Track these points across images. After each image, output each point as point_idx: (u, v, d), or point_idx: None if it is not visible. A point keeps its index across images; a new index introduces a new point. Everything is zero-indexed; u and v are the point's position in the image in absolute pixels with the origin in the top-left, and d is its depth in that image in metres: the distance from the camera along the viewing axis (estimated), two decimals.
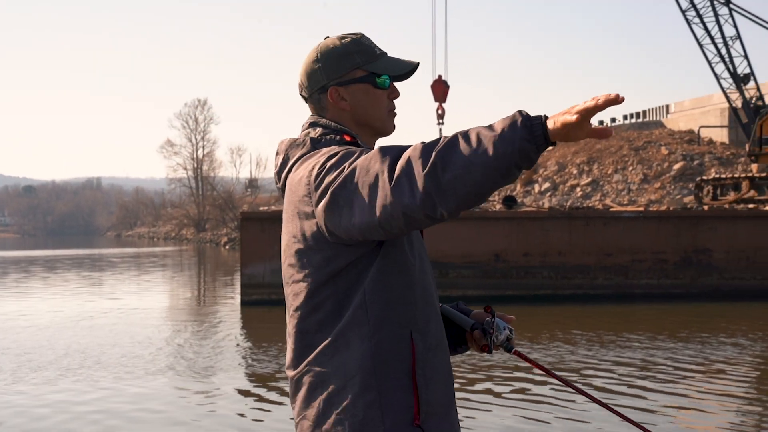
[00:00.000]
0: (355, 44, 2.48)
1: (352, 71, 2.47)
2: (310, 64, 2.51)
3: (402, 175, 2.09)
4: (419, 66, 2.53)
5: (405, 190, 2.09)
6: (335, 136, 2.43)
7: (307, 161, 2.37)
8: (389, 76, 2.48)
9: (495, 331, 2.49)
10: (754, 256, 20.54)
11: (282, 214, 2.46)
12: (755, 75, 30.62)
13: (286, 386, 10.88)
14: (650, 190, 37.06)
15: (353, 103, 2.48)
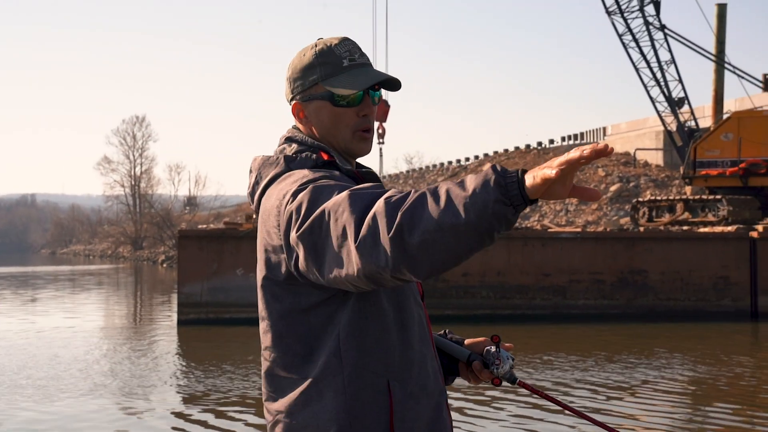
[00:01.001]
0: (322, 55, 2.27)
1: (313, 86, 2.29)
2: (286, 72, 2.36)
3: (367, 235, 1.87)
4: (392, 79, 2.28)
5: (370, 252, 1.87)
6: (311, 153, 2.25)
7: (279, 185, 2.18)
8: (347, 93, 2.24)
9: (501, 363, 2.35)
10: (688, 277, 20.83)
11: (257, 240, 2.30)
12: (689, 99, 31.17)
13: (220, 407, 10.73)
14: (587, 212, 37.48)
15: (314, 120, 2.30)
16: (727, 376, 13.02)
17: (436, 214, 1.82)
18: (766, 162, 27.56)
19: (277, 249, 2.16)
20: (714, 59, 31.76)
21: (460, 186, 1.84)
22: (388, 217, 1.85)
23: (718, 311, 20.58)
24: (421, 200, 1.85)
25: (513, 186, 1.82)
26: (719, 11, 32.74)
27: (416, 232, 1.82)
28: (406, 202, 1.86)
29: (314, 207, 2.01)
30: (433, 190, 1.86)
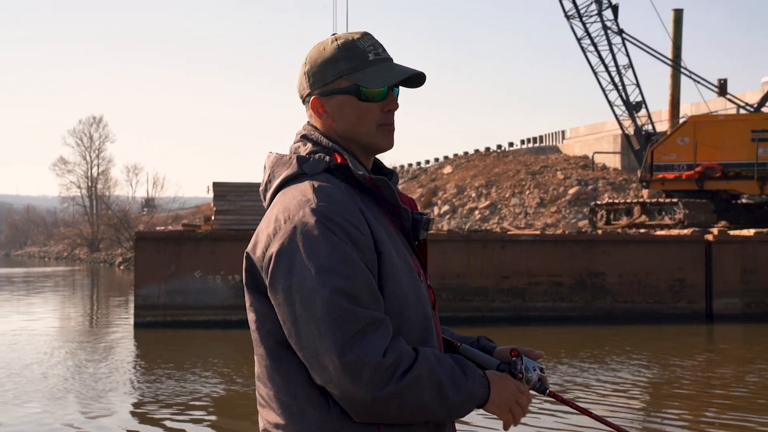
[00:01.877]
0: (346, 48, 2.20)
1: (336, 80, 2.21)
2: (301, 67, 2.27)
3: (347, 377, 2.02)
4: (422, 74, 2.24)
5: (343, 385, 2.03)
6: (324, 156, 2.19)
7: (286, 195, 2.15)
8: (379, 87, 2.19)
9: (525, 374, 2.27)
10: (645, 280, 21.00)
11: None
12: (646, 103, 31.46)
13: (177, 410, 10.63)
14: (546, 214, 37.69)
15: (336, 115, 2.22)
16: (681, 377, 13.14)
17: (428, 402, 2.07)
18: (721, 166, 27.89)
19: (260, 261, 2.15)
20: (671, 64, 32.08)
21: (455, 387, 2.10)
22: (381, 379, 2.02)
23: (674, 313, 20.78)
24: (420, 383, 2.05)
25: (483, 402, 2.16)
26: (676, 16, 33.08)
27: (396, 405, 2.04)
28: (403, 375, 2.03)
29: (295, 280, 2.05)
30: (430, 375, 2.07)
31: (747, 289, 21.03)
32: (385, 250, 2.12)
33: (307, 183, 2.14)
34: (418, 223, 2.26)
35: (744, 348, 17.40)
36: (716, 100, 36.22)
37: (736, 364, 14.66)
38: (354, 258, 2.04)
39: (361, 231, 2.08)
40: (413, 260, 2.24)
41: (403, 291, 2.13)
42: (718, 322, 20.46)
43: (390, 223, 2.22)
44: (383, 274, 2.11)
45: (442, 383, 2.07)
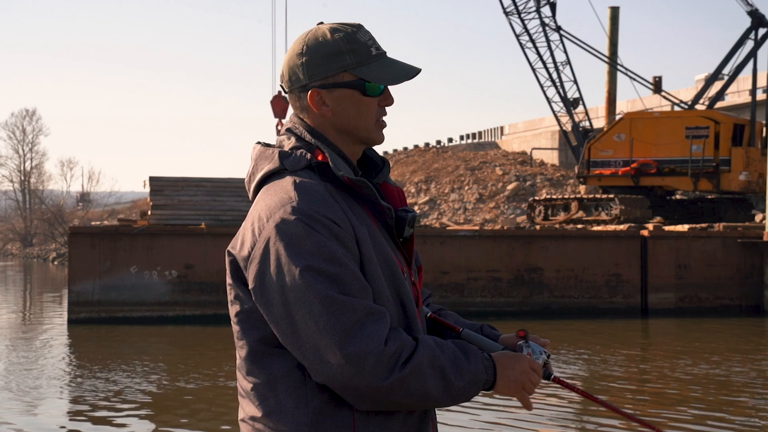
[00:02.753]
0: (349, 41, 2.16)
1: (339, 74, 2.17)
2: (294, 57, 2.20)
3: (348, 367, 2.02)
4: (420, 72, 2.24)
5: (343, 376, 2.03)
6: (306, 152, 2.17)
7: (267, 192, 2.15)
8: (389, 84, 2.20)
9: (532, 357, 2.26)
10: (582, 275, 21.20)
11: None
12: (584, 100, 31.79)
13: (112, 407, 10.46)
14: (485, 210, 37.91)
15: (336, 109, 2.19)
16: (615, 372, 13.28)
17: (433, 391, 2.08)
18: (656, 162, 28.29)
19: (244, 260, 2.13)
20: (607, 61, 32.45)
21: (458, 373, 2.11)
22: (383, 368, 2.03)
23: (610, 308, 21.01)
24: (422, 370, 2.06)
25: (489, 383, 2.18)
26: (612, 14, 33.47)
27: (400, 393, 2.05)
28: (405, 365, 2.04)
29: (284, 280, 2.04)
30: (441, 369, 2.10)
31: (681, 284, 21.34)
32: (365, 249, 2.12)
33: (289, 179, 2.13)
34: (403, 221, 2.25)
35: (677, 342, 17.65)
36: (652, 97, 36.76)
37: (669, 357, 14.86)
38: (340, 254, 2.05)
39: (342, 228, 2.09)
40: (397, 258, 2.22)
41: (385, 290, 2.14)
42: (652, 317, 20.75)
43: (373, 220, 2.21)
44: (364, 273, 2.12)
45: (444, 369, 2.08)
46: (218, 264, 19.71)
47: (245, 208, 20.68)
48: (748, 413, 10.50)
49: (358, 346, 2.00)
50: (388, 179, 2.32)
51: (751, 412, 10.62)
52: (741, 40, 29.53)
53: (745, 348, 16.48)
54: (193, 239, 19.81)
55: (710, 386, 12.07)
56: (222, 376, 12.66)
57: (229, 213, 20.49)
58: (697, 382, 12.39)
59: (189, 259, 19.71)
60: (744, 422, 9.94)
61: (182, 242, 19.79)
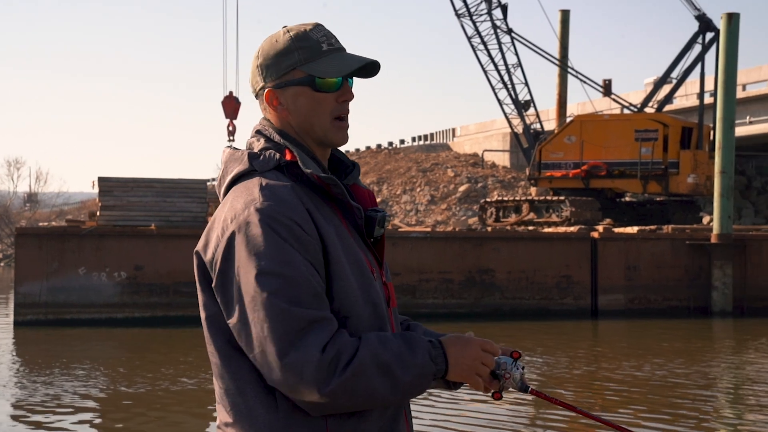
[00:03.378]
0: (299, 39, 2.18)
1: (291, 72, 2.19)
2: (253, 60, 2.25)
3: (293, 375, 2.01)
4: (377, 63, 2.22)
5: (290, 382, 2.02)
6: (275, 153, 2.17)
7: (234, 194, 2.15)
8: (335, 76, 2.18)
9: (511, 373, 2.24)
10: (533, 277, 21.31)
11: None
12: (535, 102, 31.99)
13: (58, 412, 10.29)
14: (437, 211, 37.98)
15: (291, 108, 2.21)
16: (565, 373, 13.35)
17: (380, 389, 2.03)
18: (606, 165, 28.55)
19: (210, 263, 2.14)
20: (558, 64, 32.68)
21: (403, 366, 2.05)
22: (323, 374, 2.00)
23: (561, 309, 21.15)
24: (365, 370, 2.02)
25: (441, 372, 2.11)
26: (563, 17, 33.71)
27: (347, 396, 2.02)
28: (347, 366, 2.01)
29: (241, 279, 2.05)
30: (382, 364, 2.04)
31: (630, 286, 21.55)
32: (332, 250, 2.11)
33: (256, 180, 2.13)
34: (373, 221, 2.25)
35: (626, 343, 17.81)
36: (602, 100, 37.08)
37: (618, 359, 14.97)
38: (297, 259, 2.05)
39: (305, 230, 2.07)
40: (366, 258, 2.21)
41: (353, 291, 2.13)
42: (602, 318, 20.92)
43: (343, 220, 2.21)
44: (331, 274, 2.10)
45: (389, 366, 2.04)
46: (168, 265, 19.53)
47: (196, 209, 20.53)
48: (692, 415, 10.61)
49: (296, 356, 2.00)
50: (358, 181, 2.32)
51: (695, 413, 10.73)
52: (689, 45, 29.90)
53: (693, 350, 16.67)
54: (142, 240, 19.59)
55: (656, 388, 12.18)
56: (165, 379, 12.52)
57: (179, 214, 20.29)
58: (644, 384, 12.49)
59: (138, 261, 19.49)
60: (687, 423, 10.04)
61: (132, 243, 19.57)
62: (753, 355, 15.63)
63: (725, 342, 18.20)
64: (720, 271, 21.51)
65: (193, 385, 12.09)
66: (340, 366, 2.00)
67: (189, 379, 12.50)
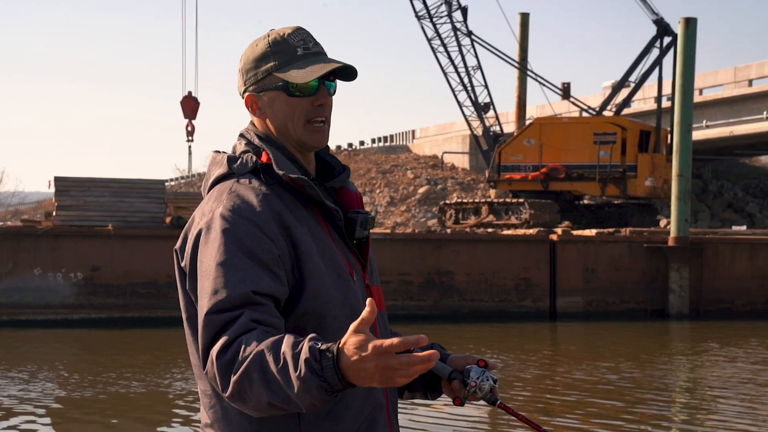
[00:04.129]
0: (275, 44, 2.22)
1: (266, 77, 2.23)
2: (238, 65, 2.30)
3: (210, 374, 1.99)
4: (350, 67, 2.23)
5: (214, 384, 2.00)
6: (252, 156, 2.21)
7: (211, 196, 2.19)
8: (303, 81, 2.19)
9: (478, 383, 2.19)
10: (492, 279, 21.36)
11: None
12: (494, 104, 32.09)
13: (11, 416, 10.12)
14: (396, 213, 37.98)
15: (269, 112, 2.25)
16: (522, 375, 13.38)
17: (265, 397, 1.90)
18: (565, 167, 28.71)
19: (184, 267, 2.20)
20: (517, 66, 32.81)
21: (284, 376, 1.86)
22: (222, 379, 1.95)
23: (520, 312, 21.21)
24: (250, 374, 1.90)
25: (336, 384, 1.85)
26: (522, 20, 33.86)
27: (249, 402, 1.94)
28: (238, 371, 1.92)
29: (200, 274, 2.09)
30: (262, 366, 1.89)
31: (588, 288, 21.67)
32: (305, 249, 2.12)
33: (228, 184, 2.18)
34: (353, 222, 2.25)
35: (584, 346, 17.91)
36: (561, 102, 37.31)
37: (575, 362, 15.04)
38: (240, 262, 2.05)
39: (264, 231, 2.08)
40: (346, 260, 2.22)
41: (328, 291, 2.12)
42: (561, 320, 21.02)
43: (323, 222, 2.22)
44: (305, 273, 2.11)
45: (274, 373, 1.88)
46: (125, 266, 19.33)
47: (153, 210, 20.34)
48: (645, 419, 10.67)
49: (209, 360, 2.00)
50: (347, 184, 2.35)
51: (648, 417, 10.80)
52: (647, 49, 30.17)
53: (648, 353, 16.79)
54: (99, 241, 19.38)
55: (609, 391, 12.23)
56: (117, 383, 12.37)
57: (137, 214, 20.10)
58: (597, 387, 12.55)
59: (95, 261, 19.27)
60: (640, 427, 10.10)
61: (88, 244, 19.35)
62: (708, 358, 15.78)
63: (679, 345, 18.36)
64: (677, 273, 21.70)
65: (144, 388, 11.95)
66: (233, 370, 1.93)
67: (139, 383, 12.36)
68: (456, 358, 2.28)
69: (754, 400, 11.61)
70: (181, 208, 23.36)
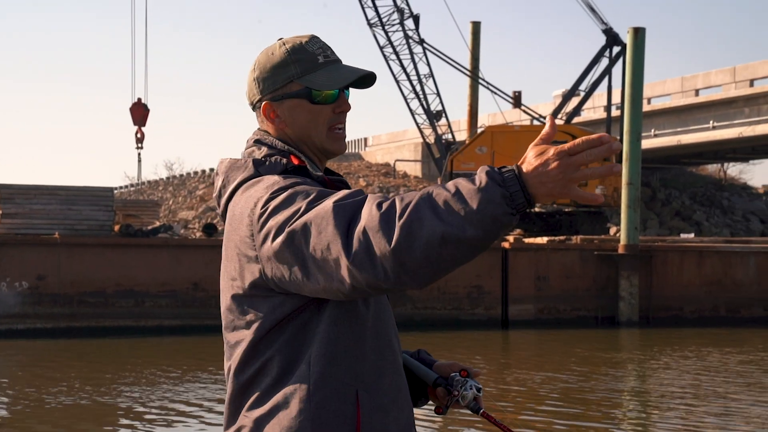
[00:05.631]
0: (295, 52, 2.22)
1: (287, 84, 2.22)
2: (249, 74, 2.28)
3: (360, 251, 1.86)
4: (372, 74, 2.25)
5: (367, 267, 1.87)
6: (281, 158, 2.18)
7: (248, 191, 2.12)
8: (332, 88, 2.20)
9: (461, 391, 2.22)
10: (445, 287, 21.35)
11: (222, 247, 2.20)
12: (446, 112, 32.18)
13: None
14: None
15: (288, 120, 2.24)
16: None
17: (439, 228, 1.81)
18: None
19: (252, 259, 2.08)
20: (469, 75, 32.94)
21: (459, 197, 1.82)
22: (384, 230, 1.84)
23: (472, 320, 21.21)
24: (419, 212, 1.83)
25: (518, 195, 1.84)
26: (474, 29, 34.01)
27: (417, 247, 1.82)
28: (404, 215, 1.83)
29: (292, 217, 1.98)
30: (429, 197, 1.84)
31: (540, 296, 21.74)
32: None
33: (265, 178, 2.13)
34: None
35: (535, 353, 17.95)
36: (512, 111, 37.51)
37: (525, 368, 15.06)
38: (321, 190, 2.04)
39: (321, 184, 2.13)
40: None
41: (358, 303, 2.14)
42: (513, 328, 21.05)
43: None
44: None
45: (447, 198, 1.84)
46: (73, 275, 19.01)
47: (102, 218, 20.05)
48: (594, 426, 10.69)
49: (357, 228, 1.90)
50: None
51: (597, 424, 10.82)
52: (596, 58, 30.45)
53: (598, 360, 16.87)
54: (45, 249, 19.05)
55: (558, 399, 12.26)
56: (65, 393, 12.14)
57: (85, 222, 19.81)
58: (546, 395, 12.56)
59: (41, 270, 18.93)
60: None
61: (34, 252, 19.01)
62: (655, 365, 15.89)
63: (628, 353, 18.47)
64: (627, 281, 21.87)
65: (92, 400, 11.74)
66: (397, 216, 1.86)
67: (87, 394, 12.15)
68: (442, 365, 2.35)
69: (696, 406, 11.69)
70: (130, 216, 23.08)
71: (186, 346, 17.64)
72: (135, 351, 16.95)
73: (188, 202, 42.44)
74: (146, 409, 11.18)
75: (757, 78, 36.18)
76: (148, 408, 11.20)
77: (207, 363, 14.82)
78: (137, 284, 19.32)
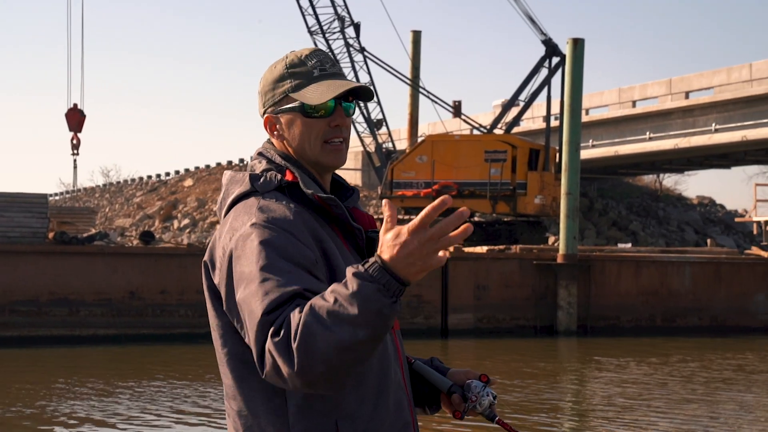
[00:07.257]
0: (292, 66, 2.26)
1: (283, 99, 2.26)
2: (258, 87, 2.34)
3: (271, 371, 1.93)
4: (365, 87, 2.26)
5: (281, 384, 1.96)
6: (276, 174, 2.22)
7: (236, 213, 2.17)
8: (318, 102, 2.21)
9: (479, 398, 2.24)
10: None
11: None
12: (387, 121, 32.18)
13: None
14: None
15: (286, 134, 2.28)
16: None
17: (332, 339, 1.86)
18: (457, 185, 28.92)
19: (217, 286, 2.18)
20: (410, 84, 33.00)
21: (340, 305, 1.87)
22: (285, 357, 1.89)
23: (412, 329, 21.14)
24: (310, 329, 1.87)
25: (391, 283, 1.89)
26: (414, 38, 34.09)
27: (318, 362, 1.87)
28: (296, 337, 1.87)
29: (244, 283, 2.03)
30: (315, 315, 1.88)
31: (479, 305, 21.79)
32: (335, 261, 2.14)
33: (254, 200, 2.17)
34: (374, 242, 2.25)
35: (474, 362, 17.96)
36: (452, 120, 37.67)
37: None
38: (283, 266, 2.03)
39: (300, 240, 2.09)
40: None
41: None
42: (452, 337, 21.07)
43: (344, 242, 2.24)
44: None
45: (329, 310, 1.89)
46: (5, 283, 18.60)
47: (36, 225, 19.65)
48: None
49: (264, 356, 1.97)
50: (359, 205, 2.37)
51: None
52: (536, 68, 30.67)
53: (537, 369, 16.94)
54: None
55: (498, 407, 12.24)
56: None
57: (18, 229, 19.39)
58: None
59: None
60: None
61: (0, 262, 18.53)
62: (592, 375, 16.00)
63: (562, 362, 18.59)
64: (565, 290, 22.02)
65: (23, 411, 11.46)
66: (291, 340, 1.91)
67: (19, 405, 11.86)
68: (456, 372, 2.38)
69: (632, 416, 11.77)
70: (65, 224, 22.66)
71: (121, 355, 17.34)
72: (68, 361, 16.61)
73: (125, 210, 41.90)
74: (76, 421, 10.94)
75: (692, 90, 36.76)
76: (78, 420, 10.97)
77: (142, 373, 14.56)
78: (72, 292, 18.95)
